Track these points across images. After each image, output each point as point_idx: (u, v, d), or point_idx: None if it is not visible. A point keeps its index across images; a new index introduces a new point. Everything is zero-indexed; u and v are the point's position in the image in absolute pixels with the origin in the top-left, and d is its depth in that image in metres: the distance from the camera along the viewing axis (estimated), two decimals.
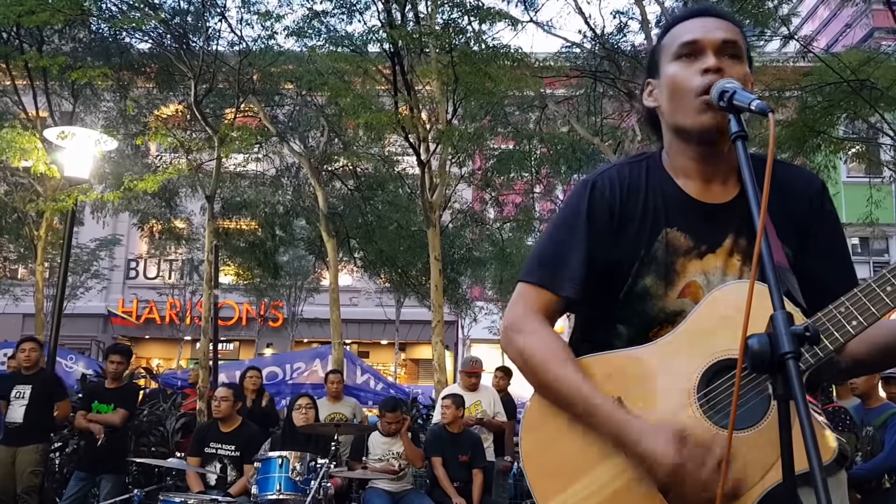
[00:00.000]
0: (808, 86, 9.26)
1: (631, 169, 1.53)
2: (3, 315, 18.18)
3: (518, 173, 11.48)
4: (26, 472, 6.21)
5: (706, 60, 1.38)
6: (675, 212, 1.46)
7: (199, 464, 5.76)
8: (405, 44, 8.74)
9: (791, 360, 1.05)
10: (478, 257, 13.12)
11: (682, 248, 1.45)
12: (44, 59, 9.32)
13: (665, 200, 1.48)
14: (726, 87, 1.28)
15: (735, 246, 1.44)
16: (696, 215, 1.45)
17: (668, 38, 1.47)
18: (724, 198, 1.46)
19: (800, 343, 1.06)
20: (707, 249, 1.44)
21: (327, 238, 10.84)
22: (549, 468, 1.39)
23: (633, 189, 1.49)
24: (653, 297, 1.45)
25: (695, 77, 1.38)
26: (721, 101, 1.28)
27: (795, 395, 1.03)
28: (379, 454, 6.25)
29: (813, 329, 1.07)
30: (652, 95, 1.53)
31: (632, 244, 1.46)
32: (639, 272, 1.45)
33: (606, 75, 9.99)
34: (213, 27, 10.09)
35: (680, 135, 1.47)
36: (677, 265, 1.44)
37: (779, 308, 1.09)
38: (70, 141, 8.26)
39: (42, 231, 11.02)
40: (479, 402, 7.09)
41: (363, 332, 20.98)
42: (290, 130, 11.79)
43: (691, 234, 1.45)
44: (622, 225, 1.47)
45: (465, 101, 9.84)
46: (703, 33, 1.41)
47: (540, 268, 1.50)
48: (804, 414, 1.01)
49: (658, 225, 1.46)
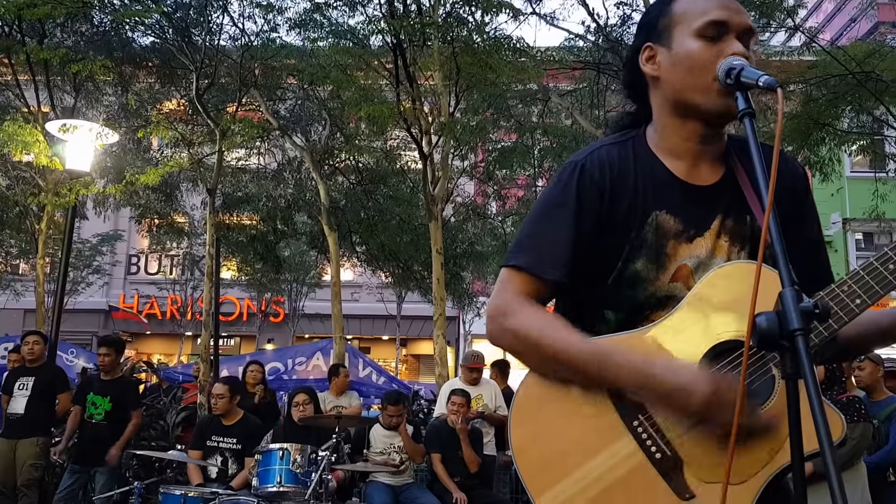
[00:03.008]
0: (813, 78, 9.20)
1: (619, 150, 1.48)
2: (3, 310, 18.17)
3: (521, 166, 11.42)
4: (26, 465, 6.21)
5: (733, 45, 1.33)
6: (664, 194, 1.43)
7: (201, 457, 5.73)
8: (407, 35, 8.70)
9: (801, 337, 1.02)
10: (480, 251, 13.07)
11: (671, 230, 1.42)
12: (45, 51, 9.28)
13: (654, 182, 1.44)
14: (734, 63, 1.26)
15: (722, 227, 1.42)
16: (685, 198, 1.43)
17: (688, 8, 1.39)
18: (711, 179, 1.44)
19: (809, 320, 1.04)
20: (696, 233, 1.42)
21: (329, 232, 10.80)
22: (543, 461, 1.34)
23: (623, 170, 1.44)
24: (643, 282, 1.41)
25: (720, 60, 1.32)
26: (728, 78, 1.26)
27: (805, 372, 1.01)
28: (380, 448, 6.22)
29: (822, 305, 1.05)
30: (653, 62, 1.44)
31: (622, 227, 1.42)
32: (629, 256, 1.41)
33: (610, 67, 9.92)
34: (215, 21, 10.07)
35: (684, 112, 1.41)
36: (668, 248, 1.41)
37: (787, 285, 1.08)
38: (71, 134, 8.26)
39: (43, 225, 11.01)
40: (481, 396, 7.06)
41: (364, 327, 20.96)
42: (292, 124, 11.76)
43: (680, 216, 1.42)
44: (612, 207, 1.42)
45: (468, 94, 9.79)
46: (731, 15, 1.36)
47: (525, 252, 1.43)
48: (814, 392, 0.99)
49: (648, 208, 1.42)
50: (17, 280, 18.09)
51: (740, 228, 1.43)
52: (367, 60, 9.71)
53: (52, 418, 6.59)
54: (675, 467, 1.29)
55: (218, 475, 5.63)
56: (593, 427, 1.33)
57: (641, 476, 1.29)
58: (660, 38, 1.43)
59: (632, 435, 1.32)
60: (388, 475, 6.10)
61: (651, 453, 1.31)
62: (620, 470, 1.30)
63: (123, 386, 6.52)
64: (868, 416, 4.63)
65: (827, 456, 0.96)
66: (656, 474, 1.29)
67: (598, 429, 1.32)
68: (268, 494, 4.86)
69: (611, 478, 1.30)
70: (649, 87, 1.48)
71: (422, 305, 15.87)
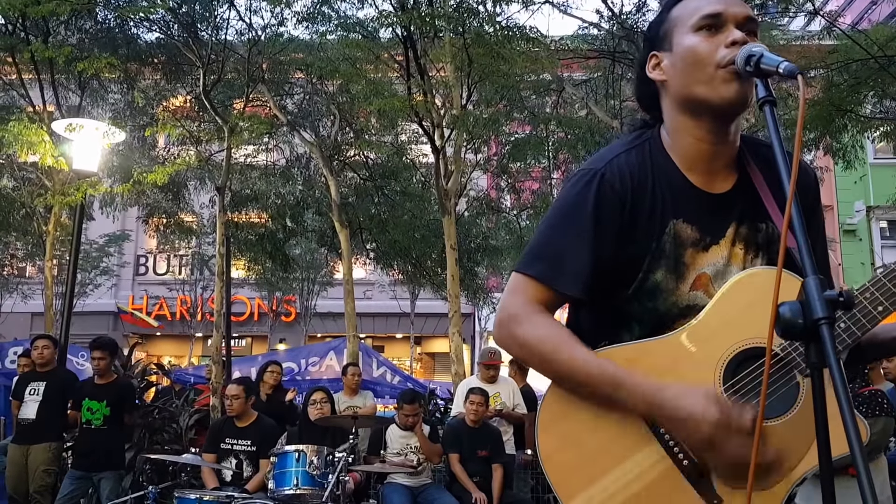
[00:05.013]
0: (834, 63, 8.99)
1: (637, 155, 1.46)
2: (11, 314, 18.13)
3: (535, 159, 11.24)
4: (39, 471, 6.16)
5: (732, 33, 1.34)
6: (681, 202, 1.43)
7: (216, 460, 5.63)
8: (417, 27, 8.55)
9: (825, 326, 1.01)
10: (494, 246, 12.88)
11: (689, 239, 1.42)
12: (50, 49, 9.17)
13: (672, 190, 1.43)
14: (753, 50, 1.24)
15: (737, 235, 1.44)
16: (701, 205, 1.43)
17: (683, 11, 1.42)
18: (725, 187, 1.45)
19: (833, 308, 1.02)
20: (711, 241, 1.43)
21: (340, 228, 10.66)
22: (571, 466, 1.35)
23: (642, 178, 1.43)
24: (664, 292, 1.41)
25: (719, 49, 1.33)
26: (748, 65, 1.24)
27: (830, 362, 0.99)
28: (397, 448, 6.11)
29: (847, 294, 1.04)
30: (659, 68, 1.46)
31: (643, 237, 1.41)
32: (650, 266, 1.41)
33: (625, 56, 9.74)
34: (222, 15, 9.94)
35: (693, 108, 1.40)
36: (686, 257, 1.42)
37: (811, 273, 1.06)
38: (78, 133, 8.14)
39: (50, 227, 10.90)
40: (499, 395, 6.92)
41: (378, 326, 20.82)
42: (301, 120, 11.62)
43: (697, 224, 1.42)
44: (633, 218, 1.41)
45: (480, 85, 9.65)
46: (726, 6, 1.37)
47: (540, 261, 1.42)
48: (839, 382, 0.97)
49: (666, 216, 1.42)
50: (23, 283, 18.04)
51: (754, 235, 1.44)
52: (377, 53, 9.58)
53: (64, 423, 6.47)
54: (703, 474, 1.31)
55: (233, 478, 5.55)
56: (621, 433, 1.34)
57: (669, 482, 1.31)
58: (662, 44, 1.46)
59: (659, 442, 1.33)
60: (406, 476, 6.01)
61: (679, 460, 1.32)
62: (649, 476, 1.32)
63: (120, 389, 6.32)
64: (890, 411, 4.47)
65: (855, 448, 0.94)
66: (684, 480, 1.31)
67: (625, 435, 1.34)
68: (284, 497, 4.80)
69: (639, 483, 1.32)
70: (660, 95, 1.49)
71: (436, 303, 15.70)
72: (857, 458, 0.94)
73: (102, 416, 6.10)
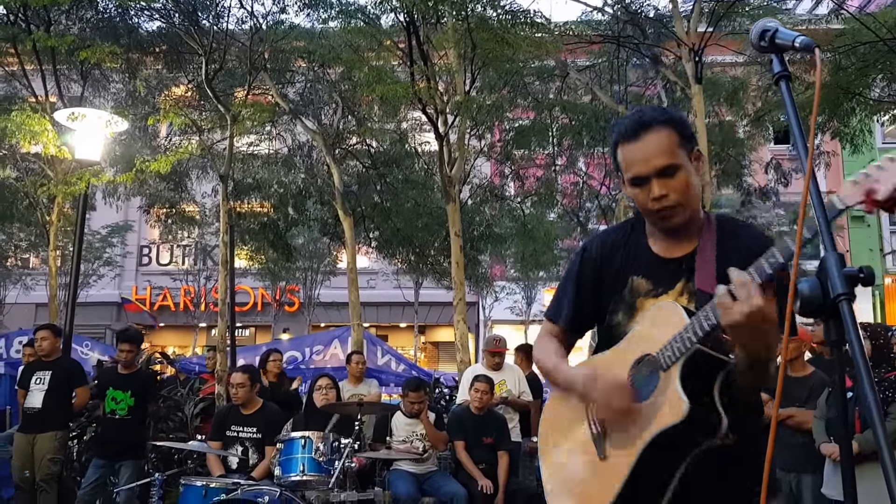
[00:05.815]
0: (842, 46, 8.90)
1: (620, 232, 2.05)
2: (16, 305, 18.14)
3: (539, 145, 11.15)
4: (45, 460, 6.20)
5: (652, 190, 1.80)
6: (641, 264, 1.94)
7: (221, 448, 5.63)
8: (420, 13, 8.46)
9: (845, 302, 1.05)
10: (498, 234, 12.78)
11: (642, 290, 1.92)
12: (52, 39, 9.12)
13: (636, 256, 1.96)
14: (768, 25, 1.30)
15: (685, 288, 1.86)
16: (657, 266, 1.92)
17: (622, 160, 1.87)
18: (682, 252, 1.89)
19: (853, 284, 1.06)
20: (662, 291, 1.89)
21: (343, 217, 10.61)
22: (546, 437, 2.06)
23: (615, 248, 2.01)
24: (620, 325, 1.95)
25: (649, 201, 1.82)
26: (762, 40, 1.30)
27: (850, 337, 1.03)
28: (403, 436, 6.09)
29: (867, 270, 1.09)
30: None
31: (610, 289, 1.98)
32: (613, 309, 1.97)
33: (630, 40, 9.64)
34: (223, 3, 9.86)
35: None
36: (637, 303, 1.92)
37: (830, 249, 1.10)
38: (80, 122, 8.10)
39: (54, 217, 10.88)
40: (504, 382, 6.88)
41: (381, 315, 20.79)
42: (303, 108, 11.55)
43: (651, 279, 1.91)
44: (602, 276, 2.01)
45: (484, 71, 9.55)
46: (644, 166, 1.81)
47: (552, 306, 2.14)
48: (860, 356, 1.01)
49: (627, 274, 1.95)
50: (27, 274, 18.04)
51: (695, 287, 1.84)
52: (379, 40, 9.49)
53: (70, 412, 6.57)
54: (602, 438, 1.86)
55: (238, 465, 5.53)
56: (574, 413, 1.96)
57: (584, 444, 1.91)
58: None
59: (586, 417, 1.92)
60: (412, 463, 6.00)
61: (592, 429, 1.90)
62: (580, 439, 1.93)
63: (143, 379, 6.57)
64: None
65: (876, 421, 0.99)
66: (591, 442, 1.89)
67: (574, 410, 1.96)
68: (291, 483, 4.77)
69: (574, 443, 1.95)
70: None
71: (439, 291, 15.65)
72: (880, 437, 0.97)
73: (127, 406, 6.23)
